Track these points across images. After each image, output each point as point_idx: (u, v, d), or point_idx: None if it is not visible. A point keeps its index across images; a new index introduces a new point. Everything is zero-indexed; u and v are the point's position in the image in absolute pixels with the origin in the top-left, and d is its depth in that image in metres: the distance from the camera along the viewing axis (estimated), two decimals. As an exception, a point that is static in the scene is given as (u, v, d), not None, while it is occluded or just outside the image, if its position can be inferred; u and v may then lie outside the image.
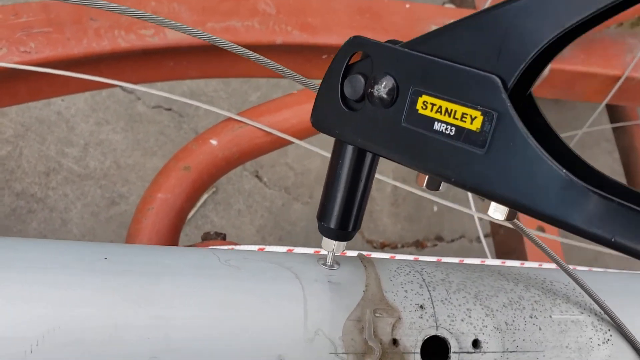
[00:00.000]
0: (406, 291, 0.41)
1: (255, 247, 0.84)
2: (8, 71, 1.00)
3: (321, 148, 0.98)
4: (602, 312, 0.45)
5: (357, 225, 0.42)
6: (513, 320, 0.42)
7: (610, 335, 0.45)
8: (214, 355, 0.34)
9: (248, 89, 1.85)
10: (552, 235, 1.22)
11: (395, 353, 0.38)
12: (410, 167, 0.37)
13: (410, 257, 0.59)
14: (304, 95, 1.03)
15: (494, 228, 1.43)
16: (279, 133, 0.98)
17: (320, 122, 0.41)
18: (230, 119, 0.98)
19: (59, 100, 1.65)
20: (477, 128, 0.33)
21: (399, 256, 0.84)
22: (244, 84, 1.85)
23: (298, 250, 0.79)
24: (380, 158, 0.41)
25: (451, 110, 0.34)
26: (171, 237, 0.90)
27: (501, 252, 1.35)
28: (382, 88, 0.37)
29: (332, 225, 0.41)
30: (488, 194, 0.34)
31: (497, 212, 0.35)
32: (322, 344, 0.36)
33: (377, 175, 1.34)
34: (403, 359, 0.38)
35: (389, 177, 1.99)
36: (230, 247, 0.84)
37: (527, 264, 0.94)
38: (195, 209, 1.63)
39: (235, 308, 0.35)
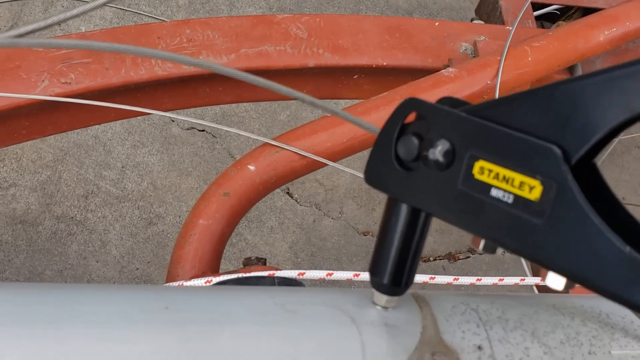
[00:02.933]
0: (463, 331, 0.41)
1: (295, 273, 0.85)
2: (50, 102, 1.03)
3: (350, 167, 0.98)
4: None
5: (409, 282, 0.42)
6: (572, 358, 0.42)
7: (670, 369, 0.45)
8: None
9: (277, 108, 1.87)
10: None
11: (455, 395, 0.38)
12: (465, 231, 0.37)
13: (466, 281, 0.59)
14: (337, 117, 1.04)
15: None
16: (314, 156, 0.99)
17: (374, 179, 0.41)
18: (266, 144, 0.99)
19: (96, 125, 1.69)
20: (536, 198, 0.33)
21: (437, 278, 0.84)
22: (273, 104, 1.87)
23: (337, 274, 0.80)
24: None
25: (509, 177, 0.34)
26: (213, 262, 0.91)
27: (536, 266, 1.33)
28: (438, 152, 0.37)
29: (385, 280, 0.41)
30: (546, 265, 0.33)
31: (555, 281, 0.35)
32: (381, 387, 0.37)
33: None
34: (462, 401, 0.38)
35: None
36: (272, 272, 0.85)
37: (507, 279, 0.93)
38: (229, 227, 1.65)
39: (296, 356, 0.36)
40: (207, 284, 0.81)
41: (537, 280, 0.94)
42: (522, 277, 0.96)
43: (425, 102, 0.39)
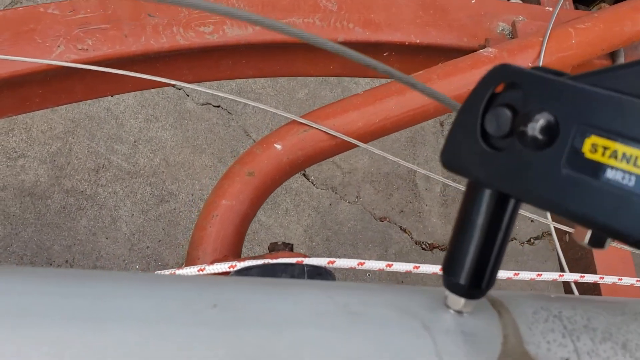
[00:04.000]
0: (548, 342, 0.36)
1: (325, 260, 0.80)
2: (65, 69, 0.98)
3: (380, 148, 0.93)
4: None
5: (491, 283, 0.36)
6: (665, 373, 0.37)
7: None
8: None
9: (295, 86, 1.81)
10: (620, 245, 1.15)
11: (539, 413, 0.33)
12: (569, 219, 0.32)
13: (526, 276, 0.53)
14: (369, 96, 0.98)
15: (559, 234, 1.36)
16: (345, 137, 0.93)
17: (453, 161, 0.35)
18: (294, 121, 0.93)
19: (108, 96, 1.63)
20: None
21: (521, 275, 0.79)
22: (291, 81, 1.81)
23: (370, 264, 0.75)
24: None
25: (631, 155, 0.29)
26: (236, 246, 0.86)
27: (566, 260, 1.28)
28: (537, 126, 0.31)
29: (462, 281, 0.35)
30: None
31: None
32: (459, 405, 0.32)
33: (427, 173, 1.26)
34: (548, 420, 0.33)
35: (439, 176, 1.92)
36: (300, 259, 0.80)
37: (607, 278, 0.88)
38: (243, 208, 1.60)
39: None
40: (231, 269, 0.76)
41: (576, 276, 0.89)
42: (539, 273, 0.91)
43: (521, 68, 0.33)
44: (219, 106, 1.68)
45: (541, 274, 0.85)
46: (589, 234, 0.33)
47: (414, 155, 1.83)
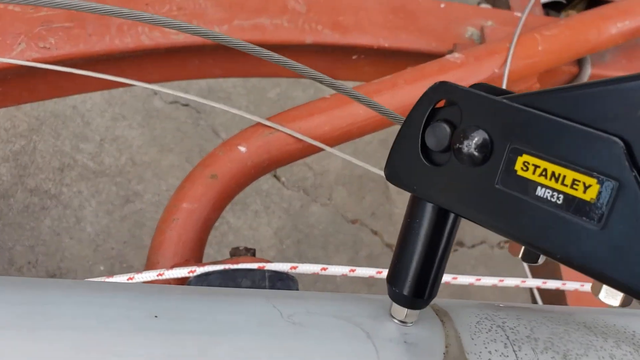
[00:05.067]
0: (490, 352, 0.36)
1: (287, 266, 0.80)
2: (27, 68, 0.95)
3: (349, 154, 0.93)
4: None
5: (433, 293, 0.37)
6: (606, 384, 0.37)
7: None
8: None
9: (267, 85, 1.80)
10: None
11: None
12: (503, 235, 0.32)
13: (465, 280, 0.52)
14: (337, 99, 0.98)
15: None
16: (312, 140, 0.93)
17: (396, 175, 0.36)
18: (259, 124, 0.92)
19: (74, 95, 1.60)
20: (591, 198, 0.28)
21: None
22: (262, 80, 1.80)
23: (333, 269, 0.74)
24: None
25: (559, 174, 0.29)
26: (197, 250, 0.85)
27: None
28: (473, 144, 0.31)
29: (405, 292, 0.36)
30: (600, 277, 0.28)
31: (610, 297, 0.29)
32: (401, 418, 0.31)
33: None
34: None
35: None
36: (262, 264, 0.79)
37: (569, 284, 0.89)
38: (212, 209, 1.59)
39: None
40: (191, 273, 0.75)
41: (538, 282, 0.90)
42: (524, 279, 0.92)
43: (459, 87, 0.34)
44: (187, 105, 1.67)
45: (480, 279, 0.86)
46: (522, 249, 0.33)
47: (386, 157, 1.83)
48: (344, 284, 1.65)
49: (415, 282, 0.36)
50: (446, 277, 0.81)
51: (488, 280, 0.83)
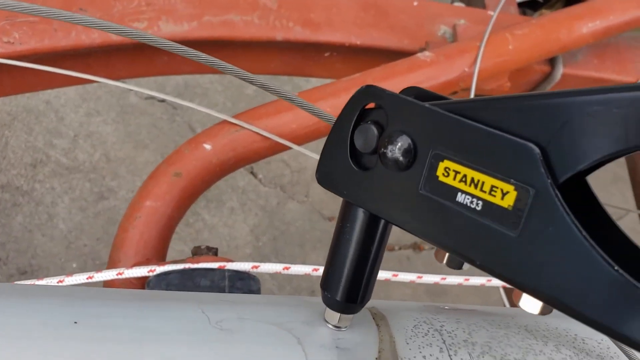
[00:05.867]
0: (424, 357, 0.36)
1: (249, 265, 0.79)
2: (-10, 62, 0.94)
3: (318, 150, 0.92)
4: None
5: (366, 298, 0.36)
6: (543, 388, 0.37)
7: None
8: None
9: (244, 82, 1.79)
10: None
11: None
12: (428, 242, 0.32)
13: (430, 279, 0.52)
14: (305, 97, 0.97)
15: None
16: (278, 138, 0.92)
17: (326, 178, 0.35)
18: (225, 121, 0.92)
19: (47, 89, 1.58)
20: (509, 205, 0.28)
21: (400, 275, 0.79)
22: (241, 76, 1.79)
23: (295, 268, 0.74)
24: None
25: (478, 181, 0.29)
26: (159, 249, 0.84)
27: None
28: (397, 149, 0.31)
29: (338, 297, 0.35)
30: (519, 285, 0.28)
31: (530, 305, 0.29)
32: None
33: None
34: None
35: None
36: (222, 264, 0.79)
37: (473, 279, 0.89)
38: (187, 206, 1.58)
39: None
40: (150, 273, 0.74)
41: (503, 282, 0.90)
42: (489, 278, 0.92)
43: (384, 91, 0.33)
44: (163, 100, 1.65)
45: (469, 279, 0.86)
46: (447, 255, 0.33)
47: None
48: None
49: (347, 287, 0.35)
50: (411, 276, 0.81)
51: (453, 280, 0.83)
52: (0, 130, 1.50)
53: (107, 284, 0.74)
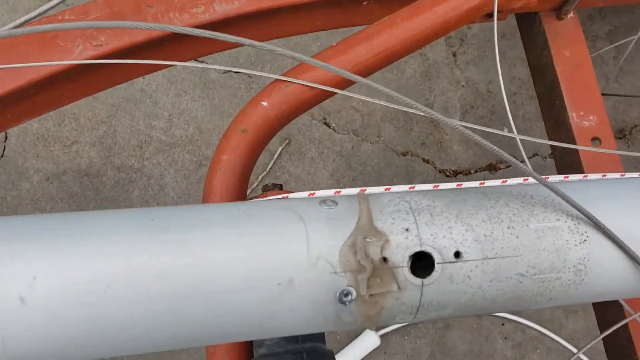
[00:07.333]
0: (394, 219, 0.50)
1: (306, 194, 0.95)
2: (87, 65, 1.15)
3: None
4: (579, 217, 0.52)
5: None
6: (491, 232, 0.50)
7: (587, 237, 0.52)
8: (241, 280, 0.45)
9: (308, 40, 1.93)
10: (608, 150, 1.23)
11: (386, 268, 0.47)
12: None
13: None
14: (342, 46, 1.11)
15: (553, 147, 1.44)
16: (322, 86, 1.07)
17: None
18: (277, 80, 1.07)
19: (140, 79, 1.82)
20: None
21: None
22: (303, 37, 1.93)
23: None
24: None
25: None
26: (239, 193, 1.02)
27: (561, 166, 1.37)
28: None
29: None
30: None
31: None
32: (323, 267, 0.46)
33: (446, 103, 1.40)
34: (393, 272, 0.47)
35: (457, 105, 2.01)
36: (284, 195, 0.96)
37: (510, 181, 0.98)
38: (272, 161, 1.77)
39: (252, 247, 0.46)
40: (231, 209, 0.92)
41: (541, 177, 0.99)
42: (525, 177, 1.02)
43: None
44: (239, 72, 1.84)
45: (506, 181, 0.97)
46: None
47: (430, 88, 1.92)
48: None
49: None
50: (452, 185, 0.93)
51: (492, 183, 0.94)
52: (108, 120, 1.77)
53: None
